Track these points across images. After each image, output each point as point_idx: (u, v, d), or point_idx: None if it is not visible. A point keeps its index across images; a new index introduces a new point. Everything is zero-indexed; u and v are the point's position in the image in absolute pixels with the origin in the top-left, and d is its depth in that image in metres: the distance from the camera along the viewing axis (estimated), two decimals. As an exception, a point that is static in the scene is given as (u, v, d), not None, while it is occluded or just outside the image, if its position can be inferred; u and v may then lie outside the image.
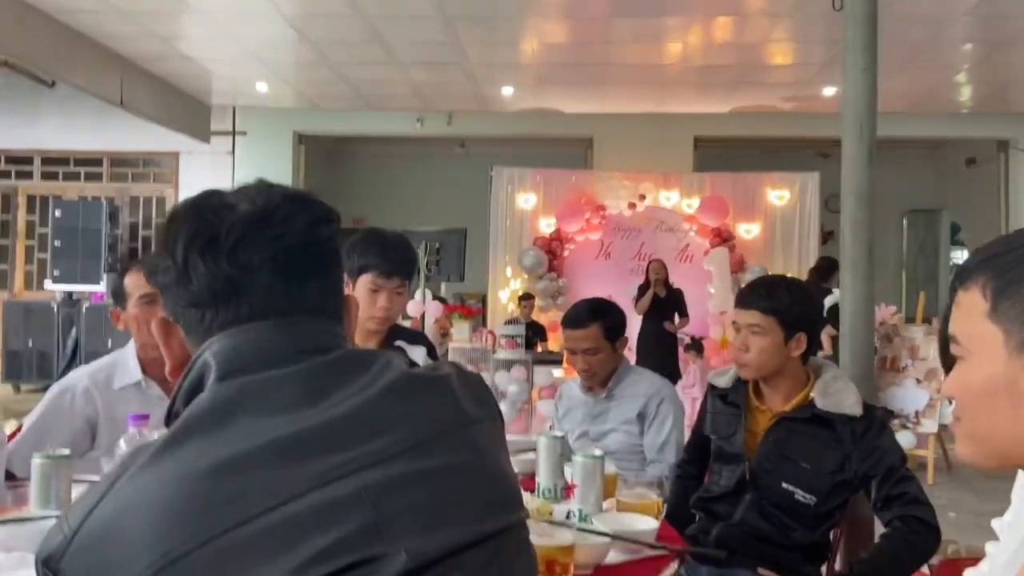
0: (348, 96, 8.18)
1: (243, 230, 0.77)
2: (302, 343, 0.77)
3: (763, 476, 2.00)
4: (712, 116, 8.61)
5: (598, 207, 8.54)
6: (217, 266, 0.76)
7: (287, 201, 0.80)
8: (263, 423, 0.71)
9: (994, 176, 9.02)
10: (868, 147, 2.43)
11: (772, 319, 1.99)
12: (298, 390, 0.73)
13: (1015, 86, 7.51)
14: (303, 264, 0.79)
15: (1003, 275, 0.74)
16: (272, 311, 0.77)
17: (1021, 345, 0.72)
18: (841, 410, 1.95)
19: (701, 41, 6.58)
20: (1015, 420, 0.73)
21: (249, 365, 0.75)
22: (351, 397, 0.74)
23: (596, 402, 2.67)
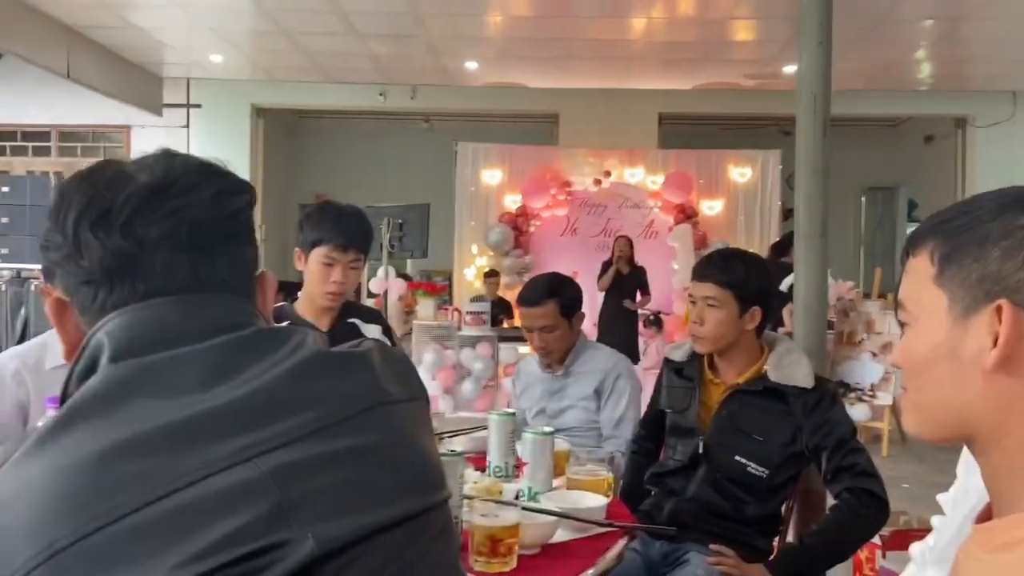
0: (307, 68, 8.01)
1: (139, 202, 0.71)
2: (207, 321, 0.72)
3: (716, 449, 2.00)
4: (676, 93, 8.59)
5: (564, 183, 8.51)
6: (110, 241, 0.71)
7: (190, 171, 0.75)
8: (159, 406, 0.66)
9: (951, 153, 9.16)
10: (823, 121, 2.42)
11: (728, 292, 1.99)
12: (200, 370, 0.69)
13: (973, 63, 7.60)
14: (208, 239, 0.74)
15: (950, 240, 0.72)
16: (174, 289, 0.72)
17: (965, 311, 0.70)
18: (793, 382, 1.96)
19: (665, 16, 6.55)
20: (956, 388, 0.71)
21: (146, 345, 0.70)
22: (258, 377, 0.70)
23: (554, 379, 2.66)
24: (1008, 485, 0.71)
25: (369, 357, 0.78)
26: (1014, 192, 0.74)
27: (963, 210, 0.74)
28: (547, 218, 8.59)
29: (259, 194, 3.30)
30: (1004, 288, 0.69)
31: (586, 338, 2.71)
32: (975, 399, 0.71)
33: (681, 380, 2.13)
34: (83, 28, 6.88)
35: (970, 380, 0.70)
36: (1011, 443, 0.70)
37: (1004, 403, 0.70)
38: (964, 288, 0.71)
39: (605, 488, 1.74)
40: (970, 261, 0.71)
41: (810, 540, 1.90)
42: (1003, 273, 0.69)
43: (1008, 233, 0.70)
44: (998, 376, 0.69)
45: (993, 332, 0.69)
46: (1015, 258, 0.69)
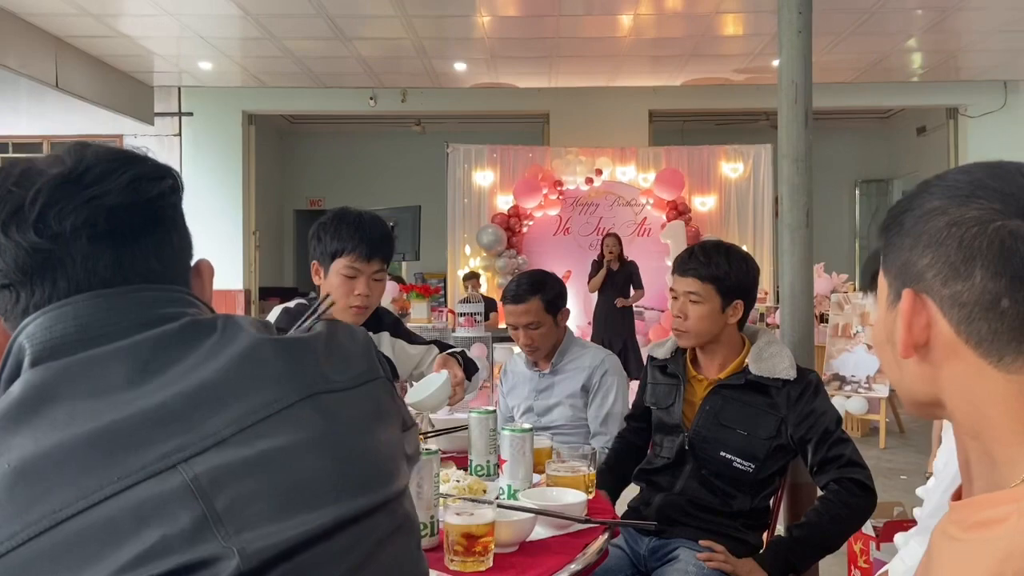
0: (297, 73, 8.01)
1: (51, 194, 0.67)
2: (131, 316, 0.68)
3: (701, 445, 1.99)
4: (666, 89, 8.59)
5: (555, 183, 8.51)
6: (24, 238, 0.66)
7: (103, 159, 0.71)
8: (80, 410, 0.63)
9: (943, 144, 9.15)
10: (804, 111, 2.41)
11: (710, 286, 1.98)
12: (125, 369, 0.65)
13: (964, 53, 7.59)
14: (129, 226, 0.70)
15: (887, 230, 0.74)
16: (98, 282, 0.68)
17: (894, 299, 0.72)
18: (775, 375, 1.94)
19: (652, 12, 6.54)
20: (899, 372, 0.74)
21: (67, 346, 0.66)
22: (186, 373, 0.66)
23: (541, 377, 2.64)
24: (974, 463, 0.70)
25: (311, 343, 0.74)
26: (959, 175, 0.72)
27: (909, 197, 0.74)
28: (539, 218, 8.58)
29: (252, 200, 3.32)
30: (910, 276, 0.70)
31: (573, 335, 2.70)
32: (914, 380, 0.73)
33: (665, 377, 2.12)
34: (71, 38, 6.87)
35: (905, 363, 0.72)
36: (965, 422, 0.70)
37: (929, 381, 0.72)
38: (891, 277, 0.73)
39: (586, 484, 1.72)
40: (895, 250, 0.72)
41: (799, 532, 1.88)
42: (911, 261, 0.70)
43: (921, 221, 0.70)
44: (919, 361, 0.71)
45: (906, 318, 0.71)
46: (920, 245, 0.69)
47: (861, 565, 2.74)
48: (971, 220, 0.68)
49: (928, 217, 0.69)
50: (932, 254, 0.69)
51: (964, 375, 0.69)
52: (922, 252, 0.69)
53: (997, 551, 0.63)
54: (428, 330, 6.27)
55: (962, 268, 0.68)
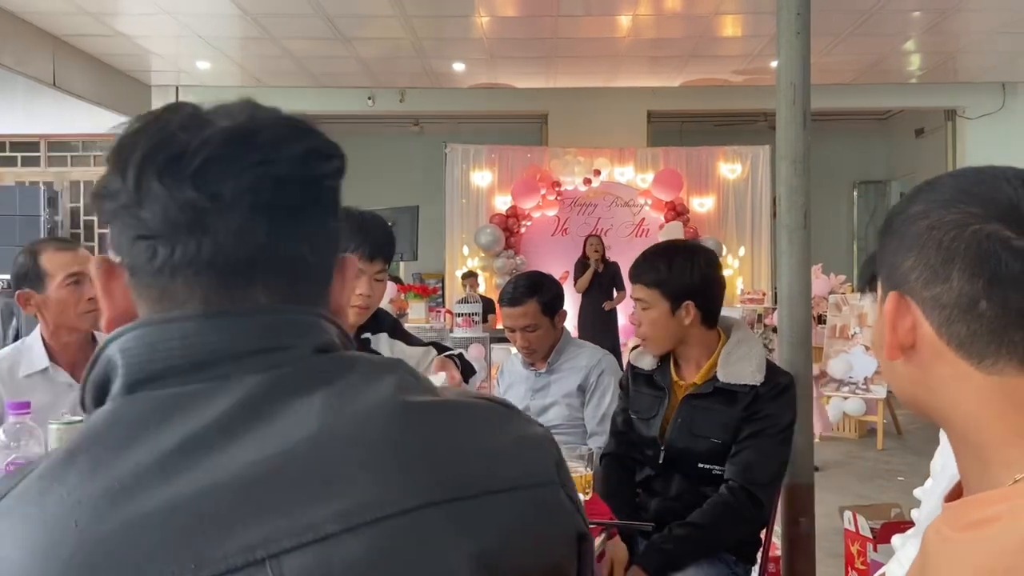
0: (295, 73, 7.99)
1: (217, 149, 0.58)
2: (251, 341, 0.58)
3: (678, 457, 1.97)
4: (664, 90, 8.58)
5: (553, 183, 8.51)
6: (180, 191, 0.57)
7: (278, 123, 0.61)
8: (164, 467, 0.53)
9: (942, 146, 9.15)
10: (802, 112, 2.40)
11: (655, 291, 1.96)
12: (224, 414, 0.55)
13: (962, 55, 7.59)
14: (292, 203, 0.60)
15: (881, 234, 0.74)
16: (242, 257, 0.58)
17: (883, 300, 0.73)
18: (741, 381, 1.92)
19: (651, 13, 6.53)
20: (892, 374, 0.74)
21: (169, 371, 0.56)
22: (291, 429, 0.54)
23: (537, 377, 2.64)
24: (967, 464, 0.70)
25: (471, 413, 0.60)
26: (946, 180, 0.73)
27: (904, 200, 0.75)
28: (538, 218, 8.58)
29: None
30: (896, 279, 0.71)
31: (569, 335, 2.70)
32: (907, 383, 0.73)
33: (650, 388, 2.07)
34: (68, 37, 6.85)
35: (895, 366, 0.73)
36: (955, 424, 0.70)
37: (920, 383, 0.72)
38: (881, 280, 0.74)
39: (583, 485, 1.71)
40: (885, 253, 0.73)
41: (680, 531, 1.85)
42: (896, 263, 0.71)
43: (905, 223, 0.71)
44: (906, 363, 0.71)
45: (891, 321, 0.71)
46: (903, 248, 0.70)
47: (858, 567, 2.73)
48: (950, 223, 0.68)
49: (912, 220, 0.70)
50: (915, 257, 0.69)
51: (949, 377, 0.69)
52: (906, 255, 0.70)
53: (990, 551, 0.62)
54: (426, 330, 6.26)
55: (941, 271, 0.68)
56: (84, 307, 2.05)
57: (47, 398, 1.95)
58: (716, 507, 1.87)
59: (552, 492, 0.61)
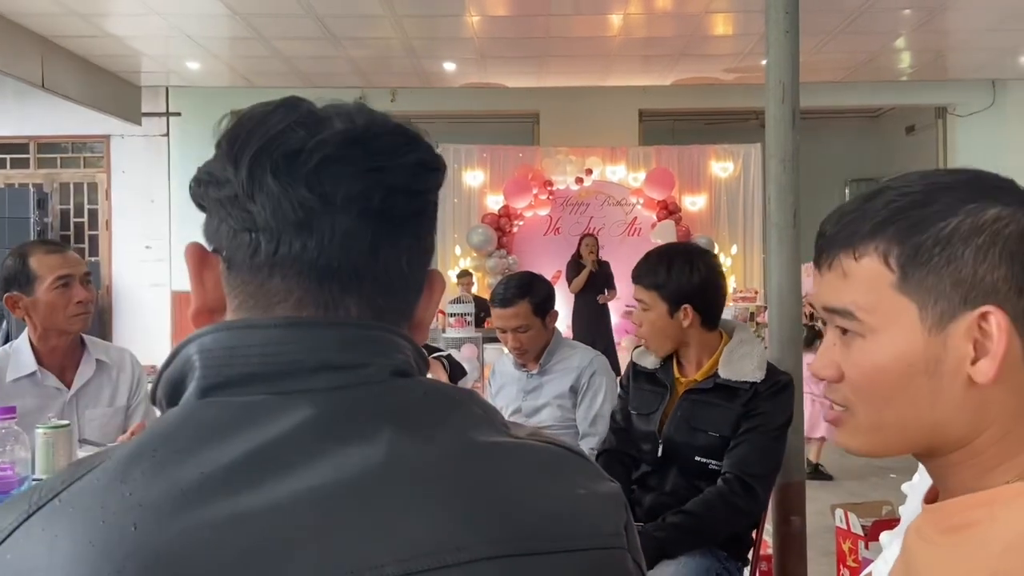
0: (286, 73, 7.97)
1: (335, 150, 0.57)
2: (328, 352, 0.56)
3: (675, 451, 2.00)
4: (656, 89, 8.59)
5: (546, 182, 8.50)
6: (294, 188, 0.56)
7: (391, 131, 0.60)
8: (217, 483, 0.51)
9: (932, 143, 9.19)
10: (791, 110, 2.41)
11: (654, 293, 2.00)
12: (291, 431, 0.53)
13: (952, 52, 7.62)
14: (399, 212, 0.59)
15: (907, 239, 0.65)
16: (346, 264, 0.57)
17: (942, 319, 0.64)
18: (742, 377, 1.95)
19: (642, 12, 6.53)
20: (933, 403, 0.65)
21: (244, 378, 0.55)
22: (362, 458, 0.52)
23: (529, 378, 2.64)
24: (971, 477, 0.67)
25: (540, 460, 0.57)
26: (972, 179, 0.68)
27: (911, 203, 0.66)
28: (530, 218, 8.58)
29: None
30: (984, 291, 0.63)
31: (561, 336, 2.69)
32: (951, 411, 0.65)
33: (651, 385, 2.11)
34: (57, 37, 6.82)
35: (949, 393, 0.65)
36: (981, 440, 0.66)
37: (980, 408, 0.65)
38: (936, 294, 0.64)
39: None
40: (940, 263, 0.64)
41: (675, 519, 1.88)
42: (980, 275, 0.63)
43: (978, 229, 0.64)
44: (981, 384, 0.64)
45: (974, 339, 0.64)
46: (991, 257, 0.63)
47: (850, 564, 2.74)
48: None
49: (980, 227, 0.64)
50: (1006, 267, 0.63)
51: (1016, 390, 0.64)
52: (991, 265, 0.63)
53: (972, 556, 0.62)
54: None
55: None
56: (73, 310, 2.03)
57: (35, 402, 1.94)
58: (711, 496, 1.90)
59: (616, 556, 0.59)
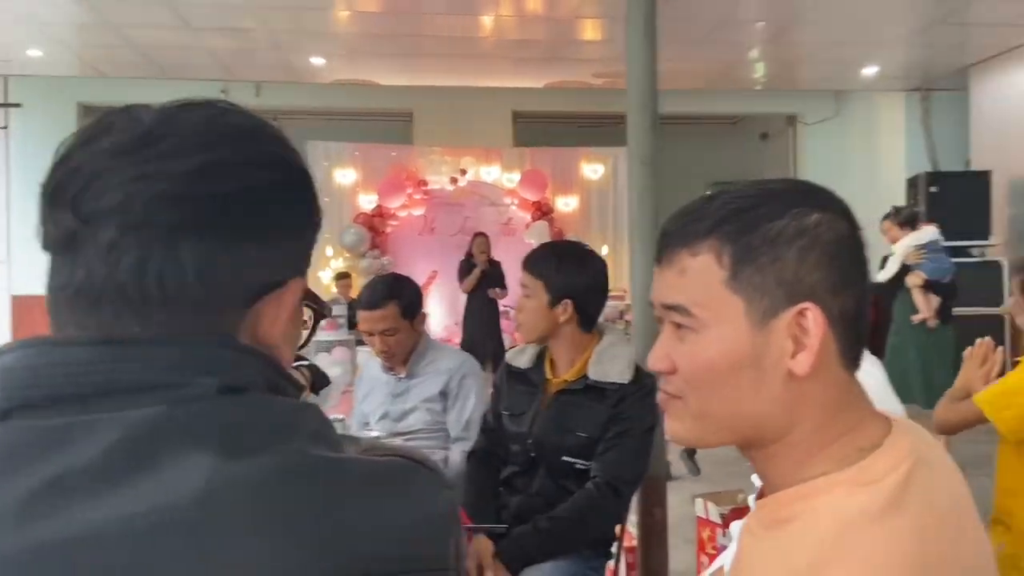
0: (139, 63, 7.50)
1: (102, 163, 0.53)
2: (140, 371, 0.51)
3: (544, 451, 2.01)
4: (528, 91, 8.69)
5: (420, 182, 8.43)
6: (60, 212, 0.54)
7: (191, 131, 0.55)
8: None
9: (784, 149, 9.79)
10: (651, 115, 2.48)
11: (539, 282, 2.02)
12: (99, 456, 0.48)
13: (800, 64, 8.13)
14: (169, 222, 0.53)
15: (739, 239, 0.69)
16: (112, 285, 0.53)
17: (765, 315, 0.68)
18: (610, 379, 1.98)
19: (513, 15, 6.59)
20: (756, 394, 0.69)
21: (48, 399, 0.51)
22: (179, 483, 0.48)
23: (397, 381, 2.59)
24: (790, 469, 0.71)
25: (371, 478, 0.54)
26: (797, 186, 0.73)
27: (744, 205, 0.70)
28: (404, 218, 8.48)
29: None
30: (804, 290, 0.68)
31: (430, 338, 2.66)
32: (771, 403, 0.69)
33: (523, 386, 2.11)
34: None
35: (770, 385, 0.69)
36: (798, 432, 0.70)
37: (797, 400, 0.69)
38: (762, 292, 0.68)
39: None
40: (766, 262, 0.68)
41: (544, 524, 1.89)
42: (801, 275, 0.68)
43: (801, 232, 0.68)
44: (798, 377, 0.68)
45: (793, 335, 0.68)
46: (811, 258, 0.68)
47: (709, 551, 2.86)
48: (840, 231, 0.70)
49: (804, 229, 0.69)
50: (826, 268, 0.68)
51: (833, 384, 0.69)
52: (812, 266, 0.68)
53: (792, 549, 0.65)
54: (289, 334, 6.04)
55: (848, 277, 0.69)
56: None
57: None
58: (581, 501, 1.91)
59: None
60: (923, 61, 7.83)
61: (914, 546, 0.62)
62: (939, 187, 7.36)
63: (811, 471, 0.69)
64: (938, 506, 0.67)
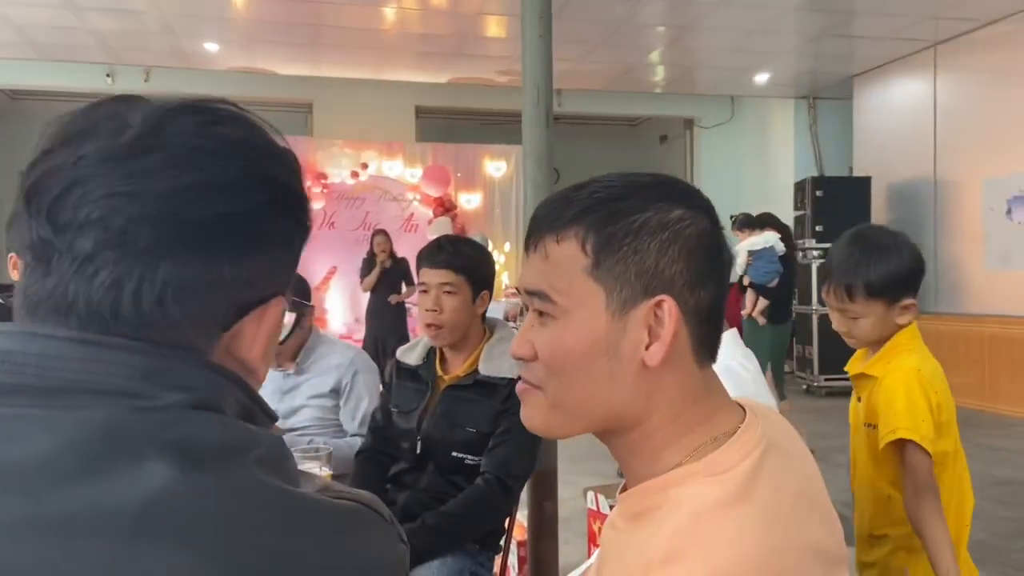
0: (16, 43, 7.03)
1: (86, 170, 0.51)
2: (110, 375, 0.51)
3: (433, 447, 1.99)
4: (432, 86, 8.64)
5: (319, 175, 8.25)
6: (37, 219, 0.51)
7: (181, 144, 0.53)
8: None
9: (682, 151, 10.09)
10: (545, 112, 2.49)
11: (462, 277, 1.98)
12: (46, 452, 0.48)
13: (698, 69, 8.39)
14: (146, 244, 0.51)
15: (603, 228, 0.69)
16: (82, 304, 0.51)
17: (623, 306, 0.68)
18: (500, 374, 1.98)
19: (416, 8, 6.52)
20: (611, 383, 0.70)
21: (13, 388, 0.50)
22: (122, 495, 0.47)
23: (285, 377, 2.51)
24: (647, 459, 0.72)
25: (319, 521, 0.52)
26: (663, 180, 0.74)
27: (611, 196, 0.71)
28: (304, 212, 8.28)
29: None
30: (663, 283, 0.69)
31: (319, 333, 2.59)
32: (625, 391, 0.70)
33: (414, 383, 2.08)
34: None
35: (624, 374, 0.69)
36: (652, 422, 0.71)
37: (651, 390, 0.70)
38: (622, 282, 0.69)
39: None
40: (627, 253, 0.69)
41: (433, 520, 1.88)
42: (660, 267, 0.68)
43: (664, 226, 0.69)
44: (652, 368, 0.69)
45: (648, 326, 0.69)
46: (671, 252, 0.69)
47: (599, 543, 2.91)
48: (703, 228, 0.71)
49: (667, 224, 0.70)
50: (683, 263, 0.69)
51: (677, 377, 0.70)
52: (672, 259, 0.69)
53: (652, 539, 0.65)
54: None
55: (705, 275, 0.71)
56: None
57: None
58: (471, 497, 1.90)
59: None
60: (811, 70, 8.22)
61: (760, 532, 0.63)
62: (824, 191, 7.75)
63: (668, 461, 0.70)
64: (787, 491, 0.68)
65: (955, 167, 7.33)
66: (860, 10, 6.56)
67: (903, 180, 7.89)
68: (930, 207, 7.55)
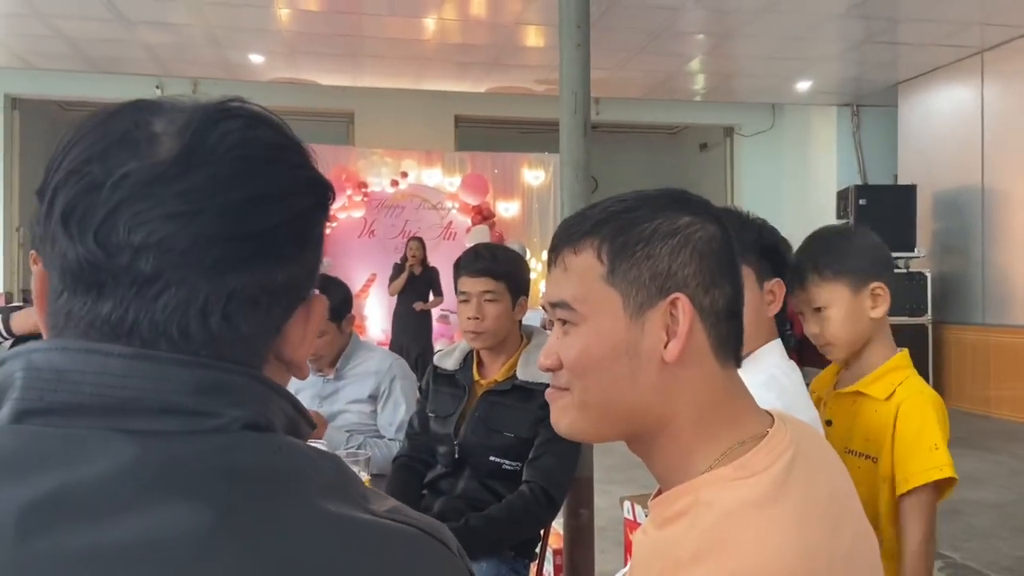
0: (70, 56, 7.27)
1: (137, 188, 0.49)
2: (170, 393, 0.49)
3: (471, 451, 2.00)
4: (471, 95, 8.70)
5: (360, 184, 8.36)
6: (81, 240, 0.49)
7: (232, 154, 0.51)
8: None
9: (721, 159, 10.01)
10: (583, 120, 2.50)
11: (502, 284, 2.00)
12: (105, 474, 0.46)
13: (739, 77, 8.33)
14: (213, 262, 0.50)
15: (617, 237, 0.73)
16: (142, 326, 0.50)
17: (641, 307, 0.72)
18: (538, 379, 1.98)
19: (456, 18, 6.59)
20: (633, 383, 0.72)
21: (71, 407, 0.48)
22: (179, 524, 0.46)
23: (325, 383, 2.56)
24: (676, 462, 0.73)
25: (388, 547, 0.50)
26: (673, 193, 0.78)
27: (622, 208, 0.75)
28: (344, 220, 8.39)
29: (15, 194, 2.94)
30: (677, 283, 0.72)
31: (359, 339, 2.63)
32: (648, 391, 0.72)
33: (451, 388, 2.10)
34: None
35: (646, 374, 0.72)
36: (678, 423, 0.73)
37: (673, 389, 0.72)
38: (637, 285, 0.72)
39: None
40: (641, 258, 0.72)
41: (476, 522, 1.89)
42: (673, 269, 0.72)
43: (673, 231, 0.73)
44: (671, 366, 0.71)
45: (666, 325, 0.72)
46: (682, 255, 0.72)
47: (637, 554, 2.89)
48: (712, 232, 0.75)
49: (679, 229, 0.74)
50: (696, 264, 0.73)
51: (698, 378, 0.72)
52: (685, 260, 0.73)
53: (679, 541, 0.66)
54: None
55: (718, 277, 0.73)
56: None
57: None
58: (515, 503, 1.91)
59: None
60: (855, 77, 8.10)
61: (793, 533, 0.64)
62: (867, 200, 7.61)
63: (697, 466, 0.71)
64: (817, 496, 0.69)
65: (1003, 176, 7.15)
66: (904, 17, 6.46)
67: (949, 189, 7.72)
68: (977, 216, 7.38)
